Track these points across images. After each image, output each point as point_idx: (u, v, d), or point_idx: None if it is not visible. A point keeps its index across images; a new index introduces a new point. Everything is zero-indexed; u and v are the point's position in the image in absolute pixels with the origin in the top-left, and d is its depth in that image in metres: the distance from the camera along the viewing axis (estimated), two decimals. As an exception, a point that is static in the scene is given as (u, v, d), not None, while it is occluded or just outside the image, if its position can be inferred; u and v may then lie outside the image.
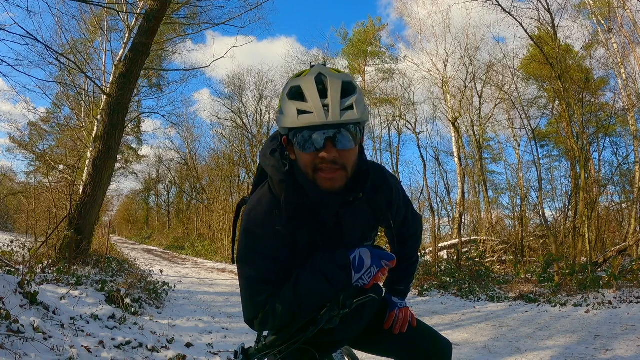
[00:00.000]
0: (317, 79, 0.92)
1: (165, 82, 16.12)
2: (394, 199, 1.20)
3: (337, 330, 1.12)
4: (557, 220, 9.81)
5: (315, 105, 0.90)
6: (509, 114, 15.15)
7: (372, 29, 19.27)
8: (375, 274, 1.02)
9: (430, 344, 1.31)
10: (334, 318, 1.02)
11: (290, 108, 0.93)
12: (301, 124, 0.91)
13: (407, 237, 1.34)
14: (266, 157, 1.07)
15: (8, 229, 19.59)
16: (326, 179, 0.96)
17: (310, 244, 1.05)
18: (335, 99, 0.90)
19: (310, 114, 0.90)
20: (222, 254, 17.90)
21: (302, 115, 0.91)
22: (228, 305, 6.38)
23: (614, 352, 3.40)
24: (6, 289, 3.13)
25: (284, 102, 0.96)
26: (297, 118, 0.91)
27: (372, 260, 1.02)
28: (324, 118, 0.89)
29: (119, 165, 19.43)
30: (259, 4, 10.09)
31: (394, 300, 1.34)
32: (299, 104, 0.92)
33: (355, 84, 0.96)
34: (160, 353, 3.30)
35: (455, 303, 6.46)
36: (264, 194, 1.08)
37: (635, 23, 10.26)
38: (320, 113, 0.89)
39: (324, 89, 0.91)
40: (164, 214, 36.01)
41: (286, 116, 0.94)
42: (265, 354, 1.03)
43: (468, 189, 15.77)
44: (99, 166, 6.49)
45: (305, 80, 0.93)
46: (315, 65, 0.98)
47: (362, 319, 1.26)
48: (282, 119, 0.96)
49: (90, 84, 11.06)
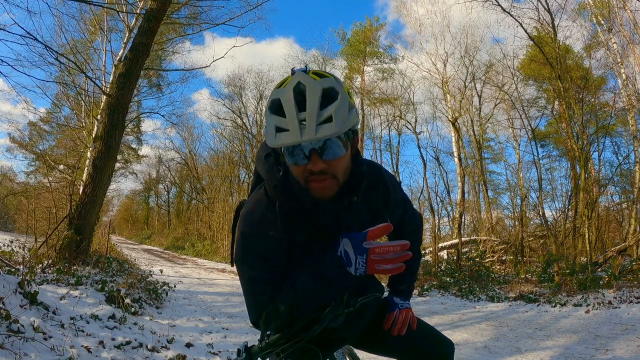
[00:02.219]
0: (296, 90, 0.89)
1: (165, 82, 16.17)
2: (391, 198, 1.19)
3: (339, 329, 1.12)
4: (557, 220, 9.83)
5: (291, 122, 0.87)
6: (508, 114, 15.17)
7: (370, 29, 19.27)
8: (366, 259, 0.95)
9: (431, 344, 1.30)
10: (338, 317, 1.01)
11: (270, 124, 0.91)
12: (278, 144, 0.90)
13: (407, 235, 1.31)
14: (261, 161, 1.07)
15: (8, 229, 19.60)
16: (316, 188, 0.96)
17: (307, 247, 1.05)
18: (312, 112, 0.86)
19: (287, 132, 0.88)
20: (222, 254, 17.90)
21: (279, 133, 0.89)
22: (228, 305, 6.38)
23: (614, 352, 3.40)
24: (6, 289, 3.13)
25: (266, 115, 0.94)
26: (274, 137, 0.89)
27: (355, 249, 0.96)
28: (298, 137, 0.86)
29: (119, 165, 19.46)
30: (259, 3, 10.12)
31: (395, 301, 1.32)
32: (277, 119, 0.89)
33: (338, 88, 0.91)
34: (160, 353, 3.30)
35: (455, 303, 6.46)
36: (260, 197, 1.08)
37: (636, 23, 10.27)
38: (296, 131, 0.86)
39: (303, 100, 0.88)
40: (164, 214, 36.02)
41: (267, 133, 0.92)
42: (268, 353, 1.03)
43: (468, 189, 15.79)
44: (99, 166, 6.49)
45: (284, 92, 0.89)
46: (295, 72, 0.92)
47: (364, 318, 1.26)
48: (265, 134, 0.95)
49: (90, 84, 11.07)
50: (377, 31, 19.31)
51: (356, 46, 19.08)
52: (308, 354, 1.10)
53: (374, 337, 1.33)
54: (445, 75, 16.05)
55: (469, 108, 16.11)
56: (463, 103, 15.73)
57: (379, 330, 1.31)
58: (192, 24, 11.39)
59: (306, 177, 0.95)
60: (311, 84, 0.89)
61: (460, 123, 15.74)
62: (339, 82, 0.93)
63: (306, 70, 0.93)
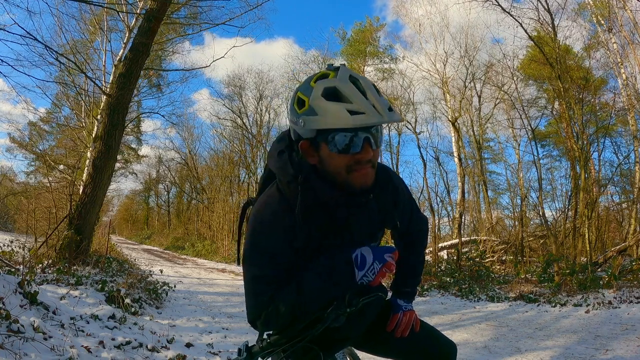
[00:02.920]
0: (351, 79, 0.93)
1: (165, 82, 16.18)
2: (400, 198, 1.22)
3: (341, 329, 1.12)
4: (557, 220, 9.83)
5: (365, 106, 0.90)
6: (508, 114, 15.17)
7: (370, 29, 19.28)
8: (379, 270, 1.02)
9: (434, 345, 1.30)
10: (340, 317, 1.02)
11: (334, 109, 0.91)
12: (356, 124, 0.90)
13: (412, 235, 1.33)
14: (274, 159, 1.07)
15: (8, 229, 19.60)
16: (361, 175, 0.98)
17: (320, 244, 1.06)
18: (378, 100, 0.92)
19: (363, 115, 0.90)
20: (222, 254, 17.90)
21: (354, 115, 0.90)
22: (228, 305, 6.38)
23: (614, 352, 3.40)
24: (6, 289, 3.13)
25: (317, 102, 0.92)
26: (351, 119, 0.90)
27: (375, 255, 1.02)
28: (379, 118, 0.90)
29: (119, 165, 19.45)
30: (259, 4, 10.12)
31: (399, 303, 1.33)
32: (345, 105, 0.90)
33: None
34: (160, 353, 3.30)
35: (455, 303, 6.46)
36: (272, 194, 1.08)
37: (636, 23, 10.27)
38: (373, 113, 0.90)
39: (363, 90, 0.92)
40: (164, 214, 36.03)
41: (327, 117, 0.91)
42: (269, 352, 1.03)
43: (468, 189, 15.80)
44: (99, 166, 6.49)
45: (340, 82, 0.92)
46: (339, 66, 0.96)
47: (366, 318, 1.26)
48: (316, 120, 0.93)
49: (90, 84, 11.07)
50: (377, 31, 19.35)
51: (356, 46, 19.09)
52: (309, 354, 1.10)
53: (377, 338, 1.33)
54: (445, 76, 16.05)
55: (468, 108, 16.13)
56: (463, 103, 15.74)
57: (382, 331, 1.31)
58: (192, 24, 11.41)
59: (350, 166, 0.97)
60: (362, 77, 0.95)
61: (460, 123, 15.77)
62: None
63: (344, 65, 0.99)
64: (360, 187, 0.99)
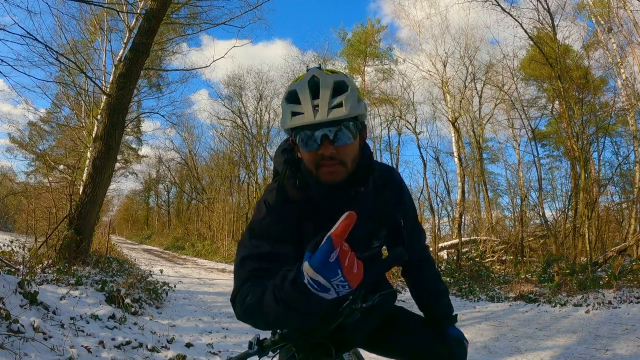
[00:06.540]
0: (310, 82, 0.98)
1: (165, 82, 16.15)
2: (403, 198, 1.24)
3: (347, 328, 1.11)
4: (557, 220, 9.82)
5: (306, 107, 0.96)
6: (508, 114, 15.16)
7: (371, 30, 19.29)
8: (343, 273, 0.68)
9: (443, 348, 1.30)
10: (355, 312, 1.02)
11: (286, 111, 1.00)
12: (293, 125, 0.98)
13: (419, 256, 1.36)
14: (277, 156, 1.18)
15: (8, 229, 19.59)
16: (326, 172, 1.01)
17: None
18: (324, 99, 0.96)
19: (302, 115, 0.97)
20: (222, 254, 17.88)
21: (294, 117, 0.98)
22: (228, 305, 6.34)
23: (614, 352, 3.40)
24: (6, 289, 3.13)
25: (282, 105, 1.03)
26: (290, 120, 0.98)
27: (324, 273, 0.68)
28: (312, 118, 0.95)
29: (119, 165, 19.44)
30: (258, 4, 10.11)
31: (451, 333, 1.35)
32: (293, 106, 0.99)
33: (348, 82, 1.00)
34: (160, 353, 3.30)
35: (455, 303, 6.41)
36: (273, 187, 1.15)
37: (635, 23, 10.27)
38: (310, 113, 0.96)
39: (317, 90, 0.97)
40: (164, 214, 36.01)
41: (283, 118, 1.02)
42: (280, 346, 1.03)
43: (468, 189, 15.78)
44: (99, 166, 6.48)
45: (299, 84, 1.00)
46: (310, 69, 1.03)
47: (372, 319, 1.25)
48: (281, 122, 1.04)
49: (90, 84, 11.08)
50: (378, 32, 19.35)
51: (357, 46, 19.09)
52: (320, 350, 1.10)
53: (385, 339, 1.33)
54: (445, 76, 16.05)
55: (468, 108, 16.12)
56: (463, 103, 15.73)
57: (389, 331, 1.31)
58: (192, 24, 11.41)
59: (317, 162, 1.01)
60: (324, 77, 0.99)
61: (460, 123, 15.75)
62: (349, 79, 1.02)
63: (320, 68, 1.03)
64: (328, 183, 1.03)
